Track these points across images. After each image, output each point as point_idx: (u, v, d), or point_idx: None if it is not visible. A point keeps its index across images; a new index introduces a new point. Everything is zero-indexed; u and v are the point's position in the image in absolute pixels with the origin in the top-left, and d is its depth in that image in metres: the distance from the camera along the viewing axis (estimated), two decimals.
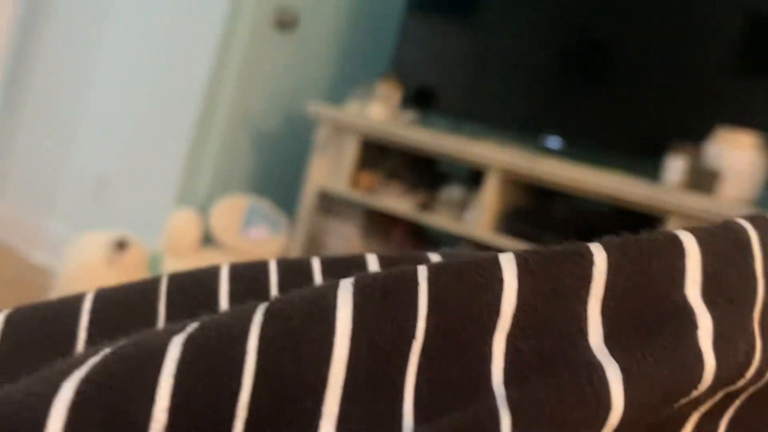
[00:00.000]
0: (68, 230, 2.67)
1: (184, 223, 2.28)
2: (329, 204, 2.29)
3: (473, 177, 2.08)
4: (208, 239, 2.33)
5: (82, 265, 2.20)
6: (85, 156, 2.71)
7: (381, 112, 2.20)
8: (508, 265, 0.30)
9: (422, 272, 0.29)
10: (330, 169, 2.25)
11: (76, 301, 0.34)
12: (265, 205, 2.37)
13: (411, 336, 0.28)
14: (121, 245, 2.15)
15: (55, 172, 2.79)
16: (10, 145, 2.97)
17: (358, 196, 2.18)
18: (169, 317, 0.34)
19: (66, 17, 2.86)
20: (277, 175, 2.66)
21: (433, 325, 0.29)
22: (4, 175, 2.98)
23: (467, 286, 0.29)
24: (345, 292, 0.29)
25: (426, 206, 2.10)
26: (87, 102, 2.73)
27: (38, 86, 2.91)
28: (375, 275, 0.30)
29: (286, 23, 2.50)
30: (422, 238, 2.31)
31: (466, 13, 2.32)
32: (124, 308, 0.34)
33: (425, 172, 2.28)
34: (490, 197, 1.92)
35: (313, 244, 2.29)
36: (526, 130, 2.15)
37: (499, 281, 0.29)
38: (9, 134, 2.98)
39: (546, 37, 2.17)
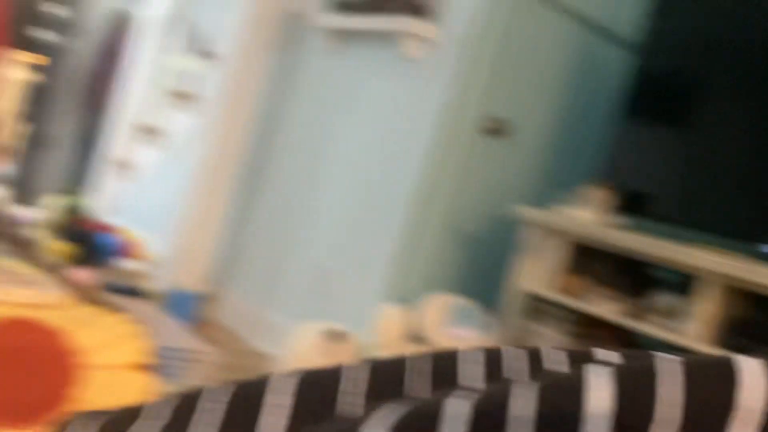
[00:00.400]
0: (288, 320, 2.88)
1: (394, 318, 2.38)
2: (535, 306, 2.29)
3: (686, 284, 2.00)
4: (415, 335, 2.40)
5: (298, 354, 2.35)
6: (306, 252, 2.93)
7: (591, 216, 2.20)
8: (746, 365, 0.32)
9: (673, 364, 0.33)
10: (537, 272, 2.26)
11: (338, 370, 0.41)
12: (471, 305, 2.42)
13: (660, 420, 0.31)
14: (334, 337, 2.29)
15: (279, 266, 3.04)
16: (242, 240, 3.29)
17: (564, 299, 2.16)
18: (417, 389, 0.40)
19: (296, 125, 3.17)
20: (484, 276, 2.71)
21: (683, 413, 0.31)
22: (236, 268, 3.29)
23: (716, 381, 0.32)
24: (599, 376, 0.32)
25: (636, 313, 2.04)
26: (311, 201, 2.97)
27: (268, 189, 3.23)
28: (628, 365, 0.33)
29: (495, 130, 2.60)
30: (631, 345, 2.23)
31: (680, 117, 2.29)
32: (379, 377, 0.40)
33: (636, 278, 2.22)
34: (707, 306, 1.83)
35: (518, 346, 2.28)
36: (744, 236, 2.05)
37: (741, 378, 0.32)
38: (242, 231, 3.30)
39: (766, 139, 2.08)
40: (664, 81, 2.37)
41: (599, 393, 0.31)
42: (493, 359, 0.41)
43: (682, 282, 2.05)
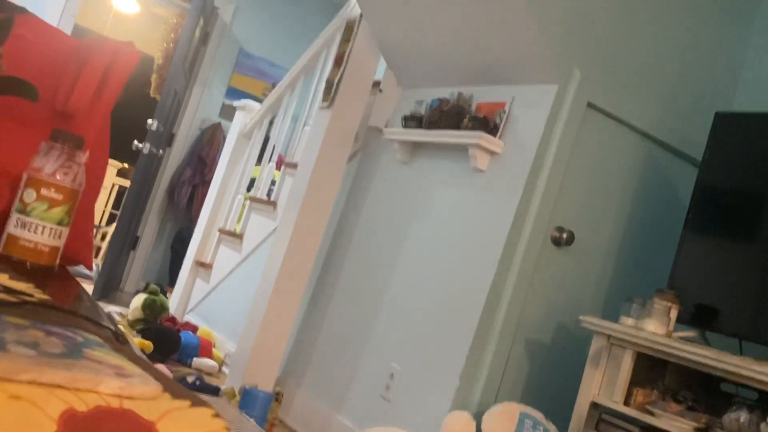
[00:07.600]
0: (355, 423, 2.91)
1: (459, 426, 2.39)
2: (603, 419, 2.27)
3: (762, 401, 1.97)
4: None
5: None
6: (375, 357, 2.99)
7: (657, 327, 2.21)
8: None
9: None
10: (604, 384, 2.26)
11: None
12: (537, 415, 2.42)
13: None
14: None
15: (348, 369, 3.10)
16: (313, 342, 3.37)
17: (632, 412, 2.15)
18: None
19: (369, 231, 3.29)
20: (550, 386, 2.71)
21: None
22: (306, 369, 3.36)
23: None
24: None
25: (707, 429, 2.01)
26: (382, 305, 3.05)
27: (340, 292, 3.33)
28: None
29: (563, 240, 2.66)
30: None
31: (745, 230, 2.31)
32: None
33: (706, 393, 2.20)
34: None
35: None
36: None
37: None
38: (313, 333, 3.39)
39: None
40: (727, 195, 2.40)
41: None
42: None
43: (759, 399, 2.02)
